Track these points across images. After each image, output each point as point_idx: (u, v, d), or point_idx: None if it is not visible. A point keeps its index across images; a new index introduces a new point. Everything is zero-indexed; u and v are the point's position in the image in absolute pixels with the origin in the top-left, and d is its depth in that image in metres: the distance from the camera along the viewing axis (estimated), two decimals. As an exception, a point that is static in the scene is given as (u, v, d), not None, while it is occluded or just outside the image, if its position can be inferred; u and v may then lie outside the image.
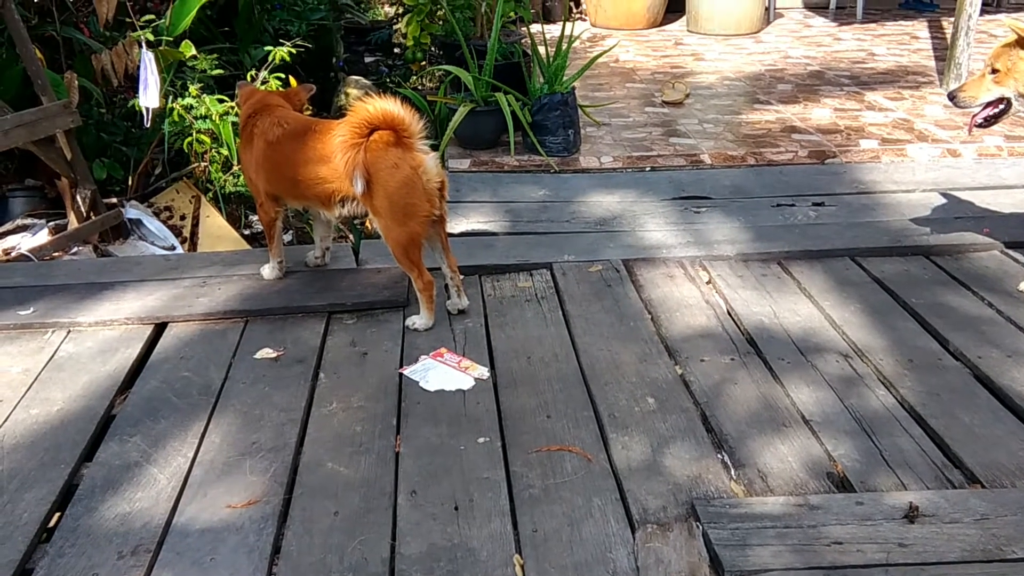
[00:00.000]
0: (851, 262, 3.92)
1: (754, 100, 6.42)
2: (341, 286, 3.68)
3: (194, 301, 3.56)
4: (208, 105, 5.04)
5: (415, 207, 3.19)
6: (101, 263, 4.15)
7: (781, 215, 4.48)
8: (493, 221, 4.44)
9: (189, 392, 3.01)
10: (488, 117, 5.20)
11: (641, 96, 6.59)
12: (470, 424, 2.82)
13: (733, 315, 3.50)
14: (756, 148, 5.34)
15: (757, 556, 2.20)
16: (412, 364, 3.16)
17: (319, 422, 2.85)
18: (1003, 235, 4.06)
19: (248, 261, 3.94)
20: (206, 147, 5.13)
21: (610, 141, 5.50)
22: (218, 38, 6.31)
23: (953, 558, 2.21)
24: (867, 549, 2.23)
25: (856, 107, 6.16)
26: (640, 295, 3.66)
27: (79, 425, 2.82)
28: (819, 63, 7.54)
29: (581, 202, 4.67)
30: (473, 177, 5.06)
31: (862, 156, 5.26)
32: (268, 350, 3.25)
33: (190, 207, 5.16)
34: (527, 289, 3.74)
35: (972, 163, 5.20)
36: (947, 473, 2.56)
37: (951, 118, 5.84)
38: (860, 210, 4.52)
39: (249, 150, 3.48)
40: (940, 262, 3.90)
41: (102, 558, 2.27)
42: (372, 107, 3.08)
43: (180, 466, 2.62)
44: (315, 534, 2.35)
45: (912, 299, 3.56)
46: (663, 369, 3.11)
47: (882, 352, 3.20)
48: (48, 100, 4.51)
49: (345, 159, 3.10)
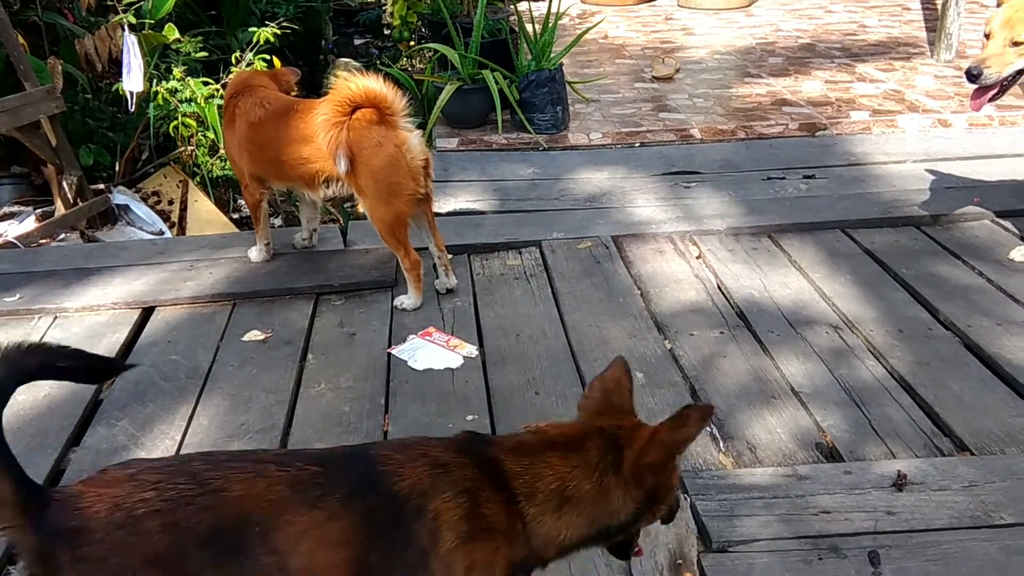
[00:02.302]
0: (842, 234, 3.90)
1: (744, 74, 6.38)
2: (329, 267, 3.66)
3: (181, 285, 3.54)
4: (193, 88, 5.00)
5: (400, 185, 3.17)
6: (88, 249, 4.13)
7: (771, 188, 4.46)
8: (481, 200, 4.41)
9: (177, 375, 3.00)
10: (475, 95, 5.17)
11: (631, 72, 6.55)
12: (459, 402, 2.81)
13: (723, 289, 3.49)
14: (746, 122, 5.31)
15: (745, 527, 2.20)
16: (400, 344, 3.15)
17: (307, 403, 2.84)
18: (994, 204, 4.04)
19: (236, 244, 3.92)
20: (192, 131, 5.09)
21: (599, 117, 5.46)
22: (205, 21, 6.25)
23: (941, 525, 2.21)
24: (855, 518, 2.23)
25: (847, 79, 6.12)
26: (630, 271, 3.64)
27: (66, 410, 2.81)
28: (810, 36, 7.49)
29: (570, 179, 4.65)
30: (461, 156, 5.03)
31: (853, 128, 5.24)
32: (256, 332, 3.24)
33: (178, 192, 5.13)
34: (516, 267, 3.72)
35: (963, 133, 5.18)
36: (936, 441, 2.55)
37: (942, 88, 5.82)
38: (851, 182, 4.50)
39: (232, 131, 3.45)
40: (931, 232, 3.89)
41: (90, 542, 2.26)
42: (354, 85, 3.05)
43: (168, 449, 2.61)
44: (303, 514, 2.34)
45: (903, 270, 3.55)
46: (652, 344, 3.10)
47: (872, 323, 3.20)
48: (31, 86, 4.47)
49: (328, 138, 3.07)
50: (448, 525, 1.39)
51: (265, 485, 1.38)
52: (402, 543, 1.39)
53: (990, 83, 3.23)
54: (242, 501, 1.36)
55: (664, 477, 1.52)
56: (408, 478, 1.41)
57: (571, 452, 1.50)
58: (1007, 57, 3.19)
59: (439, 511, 1.39)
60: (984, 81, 3.22)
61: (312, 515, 1.36)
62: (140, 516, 1.33)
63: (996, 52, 3.20)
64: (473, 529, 1.39)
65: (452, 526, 1.39)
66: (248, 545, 1.35)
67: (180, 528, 1.34)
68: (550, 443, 1.52)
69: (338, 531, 1.37)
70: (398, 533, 1.38)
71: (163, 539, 1.33)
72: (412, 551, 1.38)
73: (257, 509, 1.36)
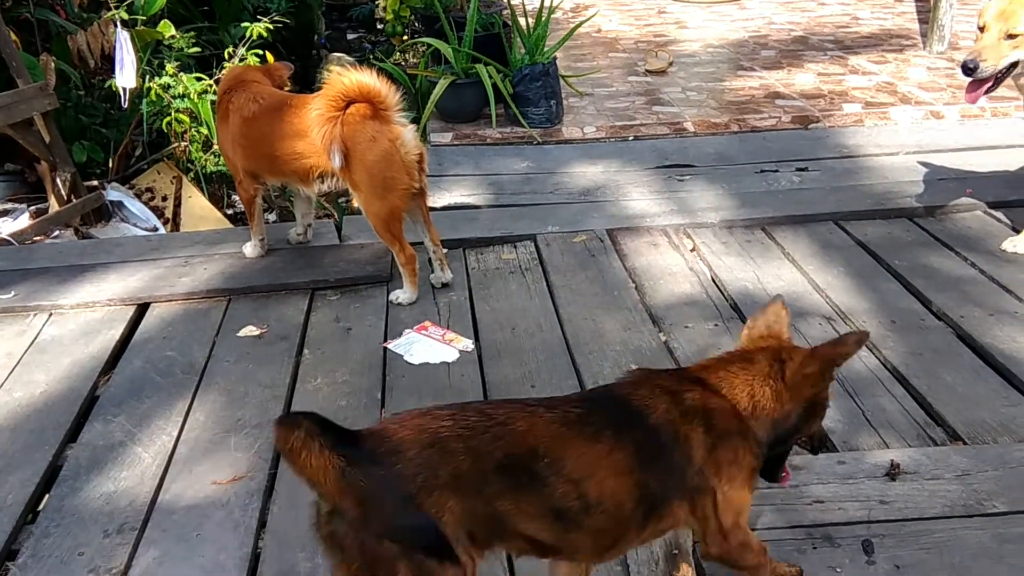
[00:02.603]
0: (835, 226, 3.92)
1: (738, 67, 6.39)
2: (324, 262, 3.67)
3: (176, 281, 3.54)
4: (186, 84, 4.99)
5: (394, 180, 3.18)
6: (82, 245, 4.13)
7: (765, 181, 4.47)
8: (476, 194, 4.42)
9: (173, 371, 3.00)
10: (469, 89, 5.17)
11: (624, 65, 6.55)
12: (455, 396, 2.82)
13: (717, 282, 3.50)
14: (740, 115, 5.32)
15: (740, 517, 2.21)
16: (396, 338, 3.16)
17: (304, 398, 2.85)
18: (986, 195, 4.06)
19: (230, 240, 3.91)
20: (186, 126, 5.08)
21: (593, 111, 5.47)
22: (197, 17, 6.24)
23: (934, 513, 2.23)
24: (849, 507, 2.24)
25: (840, 71, 6.14)
26: (624, 264, 3.65)
27: (63, 407, 2.82)
28: (803, 28, 7.50)
29: (564, 173, 4.66)
30: (455, 150, 5.03)
31: (845, 120, 5.25)
32: (252, 328, 3.24)
33: (172, 188, 5.12)
34: (511, 261, 3.73)
35: (955, 125, 5.20)
36: (929, 431, 2.57)
37: (934, 80, 5.84)
38: (843, 174, 4.52)
39: (225, 127, 3.45)
40: (923, 224, 3.90)
41: (88, 537, 2.27)
42: (347, 80, 3.05)
43: (165, 444, 2.62)
44: (301, 508, 2.34)
45: (895, 261, 3.56)
46: (647, 337, 3.12)
47: (865, 314, 3.21)
48: (24, 83, 4.46)
49: (322, 133, 3.08)
50: (696, 442, 1.63)
51: (543, 423, 1.56)
52: (668, 466, 1.62)
53: (986, 76, 3.22)
54: (527, 435, 1.53)
55: (820, 390, 1.74)
56: (656, 410, 1.64)
57: (748, 365, 1.75)
58: (1002, 50, 3.18)
59: (687, 433, 1.63)
60: (980, 74, 3.21)
61: (596, 448, 1.56)
62: (445, 438, 1.48)
63: (991, 45, 3.18)
64: (715, 439, 1.65)
65: (699, 442, 1.64)
66: (541, 474, 1.52)
67: (479, 452, 1.49)
68: (728, 361, 1.78)
69: (621, 461, 1.58)
70: (663, 458, 1.62)
71: (466, 460, 1.48)
72: (676, 470, 1.63)
73: (542, 443, 1.53)
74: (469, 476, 1.48)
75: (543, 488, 1.52)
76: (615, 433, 1.59)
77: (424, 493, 1.45)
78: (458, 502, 1.47)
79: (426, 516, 1.45)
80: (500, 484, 1.50)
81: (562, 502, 1.54)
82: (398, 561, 1.44)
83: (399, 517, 1.45)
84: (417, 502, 1.44)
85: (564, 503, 1.54)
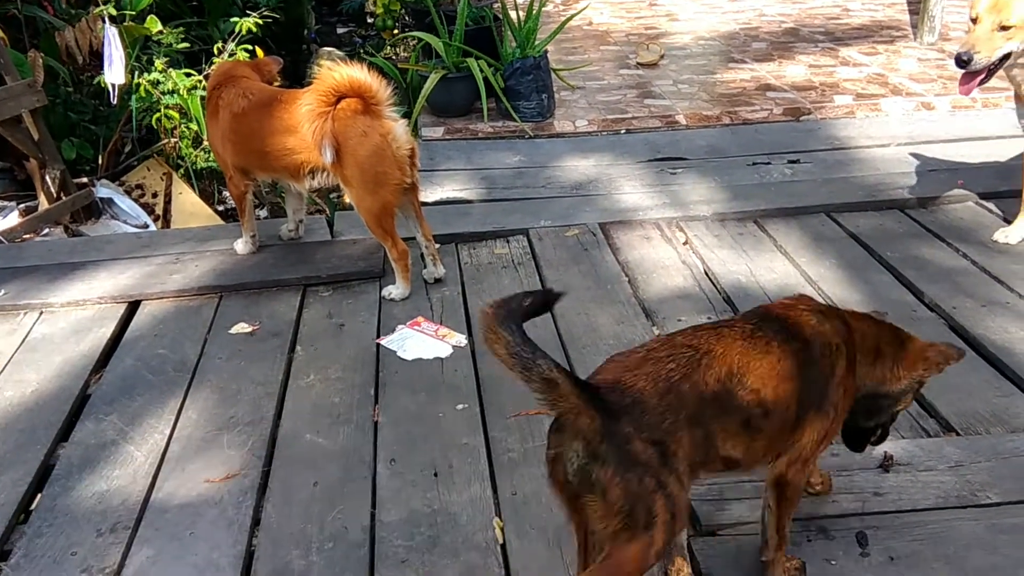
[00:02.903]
0: (827, 218, 3.92)
1: (729, 59, 6.39)
2: (316, 258, 3.65)
3: (167, 278, 3.52)
4: (175, 80, 4.96)
5: (386, 175, 3.16)
6: (72, 243, 4.11)
7: (757, 174, 4.48)
8: (468, 188, 4.41)
9: (164, 369, 2.99)
10: (460, 83, 5.15)
11: (615, 58, 6.54)
12: (448, 391, 2.82)
13: (710, 275, 3.50)
14: (731, 107, 5.31)
15: (733, 509, 2.22)
16: (389, 334, 3.15)
17: (297, 394, 2.84)
18: (977, 186, 4.07)
19: (221, 236, 3.90)
20: (175, 123, 5.05)
21: (584, 104, 5.46)
22: (186, 12, 6.20)
23: (928, 505, 2.24)
24: (842, 499, 2.25)
25: (831, 63, 6.14)
26: (617, 258, 3.65)
27: (54, 405, 2.80)
28: (794, 20, 7.50)
29: (556, 167, 4.65)
30: (447, 145, 5.01)
31: (837, 112, 5.25)
32: (243, 325, 3.23)
33: (162, 184, 5.09)
34: (504, 256, 3.72)
35: (946, 115, 5.20)
36: (922, 423, 2.58)
37: (925, 71, 5.84)
38: (835, 166, 4.52)
39: (215, 123, 3.43)
40: (915, 215, 3.91)
41: (81, 536, 2.26)
42: (338, 74, 3.03)
43: (157, 443, 2.61)
44: (295, 505, 2.35)
45: (887, 252, 3.57)
46: (640, 330, 3.11)
47: (857, 306, 3.19)
48: (12, 80, 4.42)
49: (313, 128, 3.06)
50: (838, 357, 1.85)
51: (730, 342, 1.77)
52: (817, 375, 1.82)
53: (979, 68, 3.20)
54: (724, 357, 1.74)
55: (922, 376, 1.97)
56: (807, 326, 1.85)
57: (881, 325, 2.00)
58: (995, 41, 3.16)
59: (833, 348, 1.85)
60: (974, 66, 3.19)
61: (769, 358, 1.77)
62: (676, 382, 1.68)
63: (984, 36, 3.16)
64: (848, 361, 1.86)
65: (839, 358, 1.85)
66: (736, 390, 1.73)
67: (699, 385, 1.69)
68: (864, 316, 2.01)
69: (788, 369, 1.78)
70: (815, 367, 1.82)
71: (693, 397, 1.68)
72: (823, 380, 1.83)
73: (735, 361, 1.74)
74: (695, 410, 1.68)
75: (737, 402, 1.73)
76: (780, 343, 1.80)
77: (669, 436, 1.65)
78: (689, 437, 1.67)
79: (674, 456, 1.65)
80: (713, 409, 1.71)
81: (749, 411, 1.74)
82: (655, 495, 1.63)
83: (653, 459, 1.63)
84: (665, 445, 1.64)
85: (751, 412, 1.75)
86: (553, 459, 1.71)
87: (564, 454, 1.67)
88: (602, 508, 1.64)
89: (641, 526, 1.63)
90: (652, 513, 1.63)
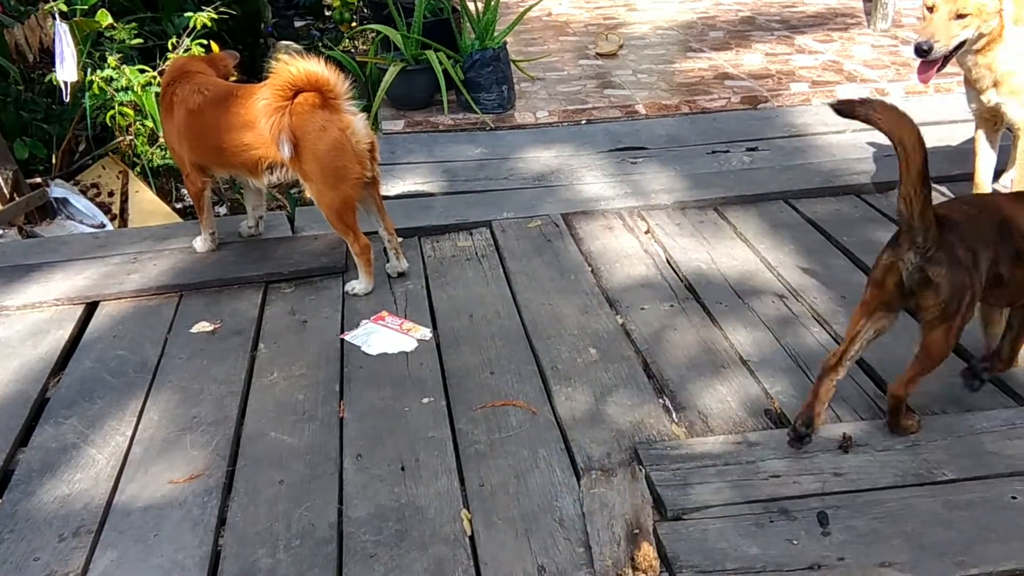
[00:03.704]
0: (785, 204, 3.98)
1: (687, 48, 6.44)
2: (277, 255, 3.63)
3: (125, 278, 3.47)
4: (129, 76, 4.88)
5: (346, 170, 3.15)
6: (27, 245, 4.03)
7: (716, 162, 4.52)
8: (430, 181, 4.40)
9: (124, 370, 2.95)
10: (420, 76, 5.13)
11: (575, 49, 6.56)
12: (414, 385, 2.81)
13: (672, 263, 3.53)
14: (690, 96, 5.36)
15: (698, 494, 2.24)
16: (353, 329, 3.14)
17: (260, 392, 2.82)
18: (931, 170, 4.12)
19: (180, 235, 3.85)
20: (130, 120, 4.97)
21: (545, 95, 5.47)
22: (139, 7, 6.09)
23: (886, 483, 2.28)
24: (803, 480, 2.29)
25: (786, 51, 6.21)
26: (580, 248, 3.67)
27: (12, 410, 2.75)
28: (750, 8, 7.57)
29: (518, 158, 4.65)
30: (408, 138, 5.00)
31: (793, 100, 5.32)
32: (205, 323, 3.19)
33: (118, 183, 5.01)
34: (467, 248, 3.72)
35: (900, 101, 5.27)
36: (880, 403, 2.62)
37: (879, 58, 5.93)
38: (792, 153, 4.58)
39: (170, 120, 3.38)
40: (870, 200, 3.98)
41: (43, 542, 2.23)
42: (295, 68, 3.01)
43: (119, 445, 2.58)
44: (260, 504, 2.34)
45: (844, 237, 3.63)
46: (604, 320, 3.14)
47: (816, 291, 3.27)
48: (-41, 78, 4.33)
49: (270, 123, 3.03)
50: None
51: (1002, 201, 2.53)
52: None
53: (938, 56, 3.25)
54: (1000, 208, 2.39)
55: None
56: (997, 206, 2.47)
57: None
58: (952, 29, 3.21)
59: None
60: (934, 55, 3.24)
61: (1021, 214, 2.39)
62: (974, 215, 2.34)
63: (942, 24, 3.21)
64: None
65: None
66: (1009, 229, 2.33)
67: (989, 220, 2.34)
68: None
69: None
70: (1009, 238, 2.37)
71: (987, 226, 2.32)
72: None
73: (1006, 210, 2.38)
74: (988, 235, 2.30)
75: (1010, 238, 2.32)
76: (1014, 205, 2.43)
77: (979, 247, 2.26)
78: (985, 251, 2.28)
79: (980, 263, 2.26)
80: (996, 236, 2.31)
81: (1018, 246, 2.33)
82: (970, 289, 2.24)
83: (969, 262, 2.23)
84: (975, 252, 2.25)
85: (1019, 247, 2.33)
86: (888, 267, 2.29)
87: (901, 262, 2.25)
88: (932, 299, 2.22)
89: (952, 314, 2.23)
90: (962, 303, 2.23)
